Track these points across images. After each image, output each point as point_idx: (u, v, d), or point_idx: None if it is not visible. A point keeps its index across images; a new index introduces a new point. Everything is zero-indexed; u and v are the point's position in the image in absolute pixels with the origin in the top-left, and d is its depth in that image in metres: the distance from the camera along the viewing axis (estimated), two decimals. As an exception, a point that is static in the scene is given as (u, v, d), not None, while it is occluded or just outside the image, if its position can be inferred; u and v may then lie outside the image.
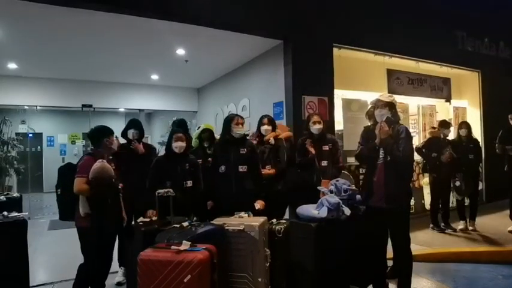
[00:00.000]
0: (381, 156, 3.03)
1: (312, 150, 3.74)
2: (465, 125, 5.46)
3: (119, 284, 3.66)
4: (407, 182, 3.17)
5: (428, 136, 5.45)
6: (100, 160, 2.79)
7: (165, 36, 5.19)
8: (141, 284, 2.26)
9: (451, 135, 5.65)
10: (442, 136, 5.30)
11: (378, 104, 3.11)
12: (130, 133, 3.81)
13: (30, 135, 9.69)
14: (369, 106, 3.95)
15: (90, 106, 7.64)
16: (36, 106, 7.93)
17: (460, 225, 5.33)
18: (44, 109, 8.45)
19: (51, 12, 4.25)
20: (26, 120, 9.13)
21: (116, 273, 3.78)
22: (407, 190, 3.13)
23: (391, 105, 3.08)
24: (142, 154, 3.79)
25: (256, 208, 3.30)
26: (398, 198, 2.97)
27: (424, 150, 5.32)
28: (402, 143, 2.93)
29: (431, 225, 5.34)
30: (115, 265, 3.82)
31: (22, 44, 5.48)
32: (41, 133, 11.02)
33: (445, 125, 5.40)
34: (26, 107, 8.30)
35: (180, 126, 3.86)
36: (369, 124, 3.80)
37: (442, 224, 5.34)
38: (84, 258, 2.92)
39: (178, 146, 3.26)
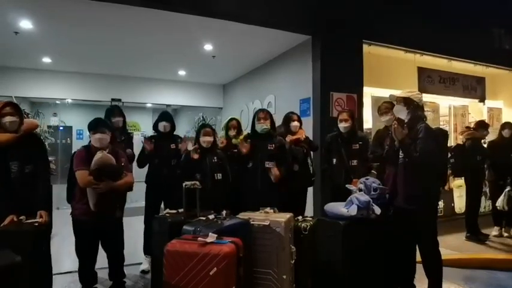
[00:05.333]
0: (400, 156, 2.94)
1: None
2: (509, 126, 5.12)
3: (143, 272, 3.71)
4: (429, 182, 2.96)
5: (465, 137, 5.08)
6: (100, 151, 2.81)
7: (194, 32, 5.21)
8: (167, 275, 2.25)
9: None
10: (485, 138, 5.02)
11: (395, 99, 3.05)
12: (162, 125, 3.87)
13: (61, 128, 10.00)
14: (382, 102, 3.84)
15: (119, 100, 7.77)
16: (68, 99, 8.18)
17: (494, 231, 5.05)
18: (75, 103, 8.68)
19: (84, 8, 4.35)
20: (57, 113, 9.42)
21: (140, 264, 3.85)
22: (430, 191, 2.97)
23: (407, 101, 2.96)
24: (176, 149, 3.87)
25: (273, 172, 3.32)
26: (418, 199, 2.85)
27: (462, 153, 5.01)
28: (420, 142, 2.80)
29: (467, 234, 4.99)
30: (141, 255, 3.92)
31: (56, 39, 5.63)
32: (71, 126, 11.35)
33: (484, 125, 5.12)
34: (57, 101, 8.57)
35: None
36: (383, 121, 3.75)
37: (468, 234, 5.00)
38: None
39: (206, 140, 3.35)
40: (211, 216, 2.69)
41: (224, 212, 2.79)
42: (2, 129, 2.63)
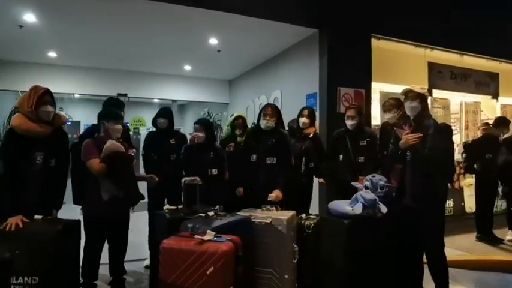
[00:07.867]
0: (408, 154, 2.85)
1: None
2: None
3: (147, 267, 3.69)
4: (438, 180, 2.85)
5: (481, 132, 4.94)
6: (109, 140, 2.77)
7: (198, 25, 5.13)
8: (162, 274, 2.17)
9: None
10: (502, 135, 4.78)
11: (408, 94, 2.89)
12: (159, 122, 3.84)
13: (68, 122, 10.03)
14: (388, 98, 3.76)
15: (125, 95, 7.77)
16: (74, 94, 8.18)
17: (509, 235, 4.78)
18: (81, 97, 8.69)
19: (89, 1, 4.32)
20: (64, 108, 9.44)
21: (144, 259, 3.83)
22: (438, 189, 2.86)
23: (422, 98, 2.86)
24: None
25: (271, 199, 3.10)
26: (426, 198, 2.76)
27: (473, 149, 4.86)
28: (430, 139, 2.72)
29: (478, 234, 4.84)
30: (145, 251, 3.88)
31: (61, 33, 5.61)
32: (79, 121, 11.38)
33: (504, 122, 4.89)
34: (64, 96, 8.57)
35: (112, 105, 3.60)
36: (386, 118, 3.66)
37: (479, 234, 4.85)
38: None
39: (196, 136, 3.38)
40: (211, 213, 2.62)
41: (217, 207, 2.76)
42: (32, 117, 2.42)
